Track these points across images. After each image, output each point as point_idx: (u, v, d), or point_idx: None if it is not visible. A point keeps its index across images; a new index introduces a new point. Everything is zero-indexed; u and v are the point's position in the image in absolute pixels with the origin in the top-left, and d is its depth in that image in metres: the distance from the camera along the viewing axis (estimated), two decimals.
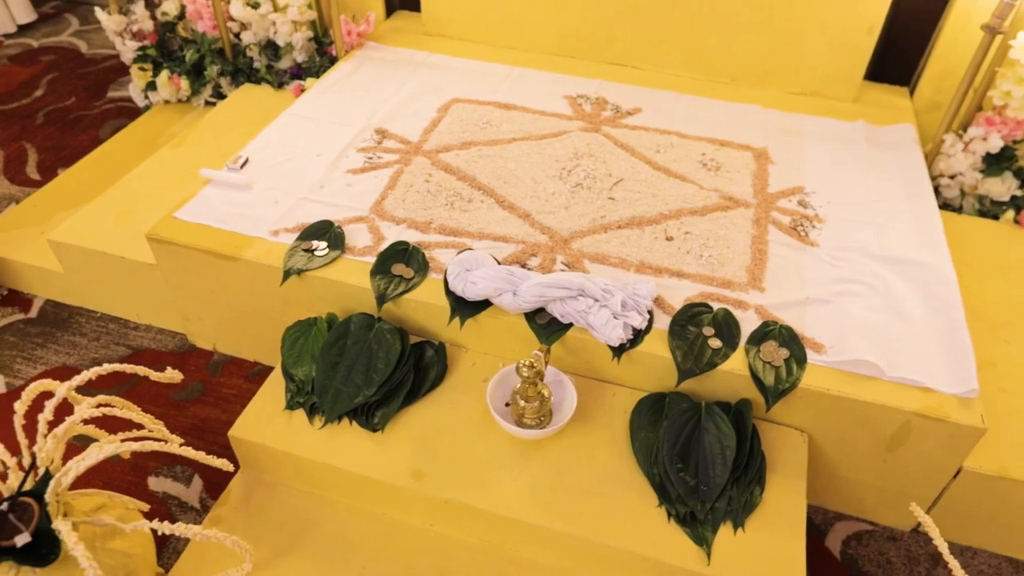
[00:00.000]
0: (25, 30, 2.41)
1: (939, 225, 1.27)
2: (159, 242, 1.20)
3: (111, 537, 0.86)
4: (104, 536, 0.86)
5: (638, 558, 0.91)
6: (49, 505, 0.78)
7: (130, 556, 0.87)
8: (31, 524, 0.77)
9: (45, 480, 0.80)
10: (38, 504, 0.78)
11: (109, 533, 0.86)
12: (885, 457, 1.03)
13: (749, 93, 1.63)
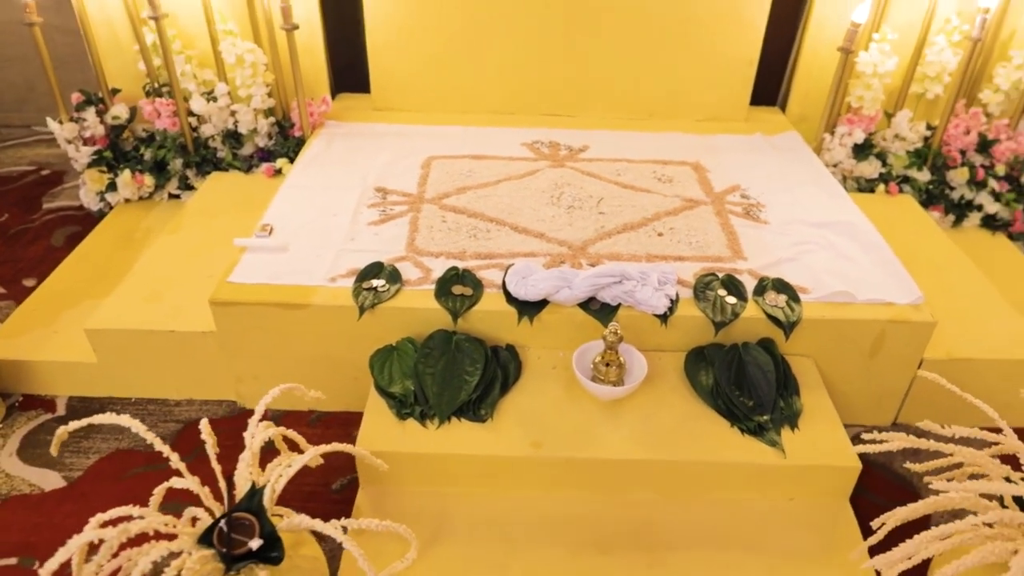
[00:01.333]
0: None
1: (846, 195, 1.64)
2: (223, 305, 1.29)
3: (300, 545, 0.94)
4: (294, 544, 0.93)
5: (733, 466, 1.12)
6: (269, 512, 0.86)
7: (318, 560, 0.95)
8: (254, 533, 0.85)
9: (251, 496, 0.88)
10: (255, 515, 0.86)
11: (299, 541, 0.94)
12: (868, 365, 1.33)
13: (664, 124, 1.98)
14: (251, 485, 0.88)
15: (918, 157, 1.90)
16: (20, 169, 2.27)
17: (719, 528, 1.11)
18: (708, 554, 1.07)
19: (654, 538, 1.09)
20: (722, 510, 1.13)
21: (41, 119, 2.21)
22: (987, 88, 1.91)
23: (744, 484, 1.14)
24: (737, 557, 1.07)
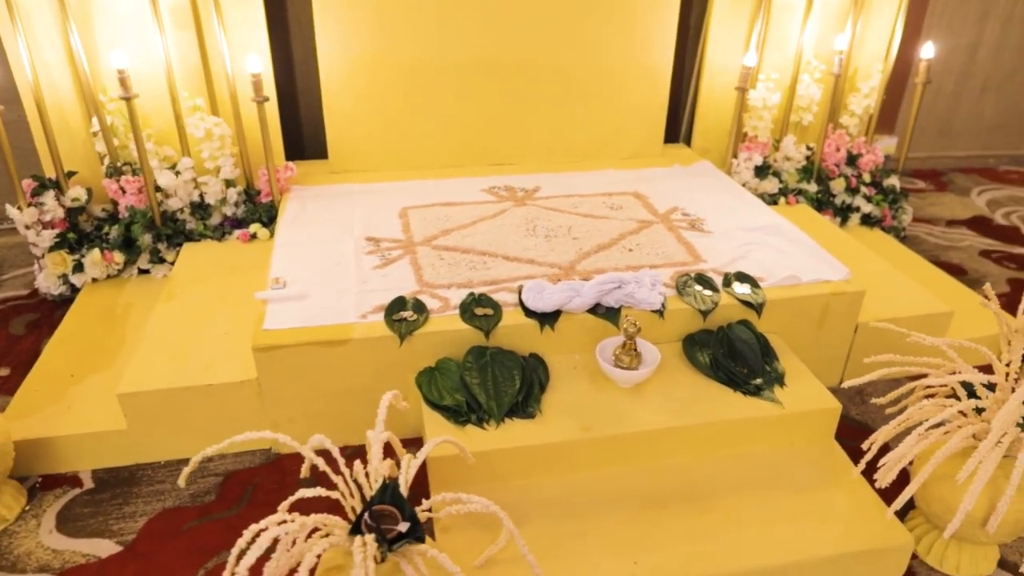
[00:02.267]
0: None
1: (764, 205, 1.97)
2: (266, 350, 1.36)
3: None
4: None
5: (744, 421, 1.33)
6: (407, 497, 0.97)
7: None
8: (395, 520, 0.95)
9: (383, 490, 0.98)
10: (395, 504, 0.96)
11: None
12: (818, 334, 1.61)
13: (596, 163, 2.26)
14: (383, 480, 0.98)
15: (805, 173, 2.29)
16: None
17: (743, 475, 1.31)
18: (742, 495, 1.27)
19: (696, 491, 1.28)
20: (742, 461, 1.34)
21: None
22: (845, 114, 2.35)
23: (754, 436, 1.36)
24: (763, 494, 1.27)
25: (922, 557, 1.25)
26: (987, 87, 2.98)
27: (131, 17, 1.85)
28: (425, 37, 2.04)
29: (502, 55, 2.10)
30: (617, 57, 2.17)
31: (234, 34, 1.90)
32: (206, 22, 1.89)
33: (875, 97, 2.31)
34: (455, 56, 2.07)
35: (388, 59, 2.04)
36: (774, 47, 2.24)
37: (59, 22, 1.81)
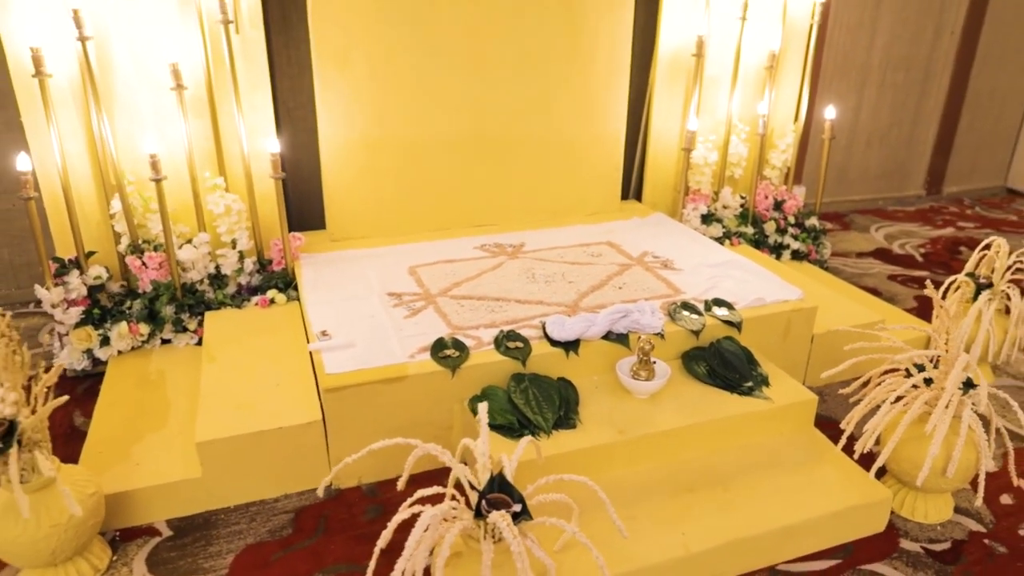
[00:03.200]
0: None
1: (719, 245, 2.32)
2: (335, 391, 1.53)
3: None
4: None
5: (744, 416, 1.61)
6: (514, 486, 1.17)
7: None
8: (509, 503, 1.15)
9: (491, 482, 1.18)
10: (503, 491, 1.16)
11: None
12: (783, 344, 1.93)
13: (567, 220, 2.56)
14: (490, 474, 1.18)
15: (742, 218, 2.67)
16: None
17: (749, 460, 1.58)
18: (751, 475, 1.53)
19: (714, 475, 1.53)
20: (745, 449, 1.61)
21: None
22: (768, 167, 2.77)
23: (752, 427, 1.63)
24: (768, 472, 1.54)
25: (897, 511, 1.54)
26: (871, 142, 3.53)
27: (151, 107, 2.02)
28: (414, 118, 2.30)
29: (482, 131, 2.39)
30: (578, 129, 2.51)
31: (246, 119, 2.10)
32: (221, 108, 2.08)
33: (791, 152, 2.75)
34: (441, 133, 2.35)
35: (382, 138, 2.29)
36: (707, 114, 2.64)
37: (83, 114, 1.97)
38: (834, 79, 3.26)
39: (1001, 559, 1.43)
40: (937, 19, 3.39)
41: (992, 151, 3.87)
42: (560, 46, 2.38)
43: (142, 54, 1.98)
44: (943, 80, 3.53)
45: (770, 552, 1.41)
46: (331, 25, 2.14)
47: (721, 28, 2.55)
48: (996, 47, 3.57)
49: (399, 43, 2.21)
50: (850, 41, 3.25)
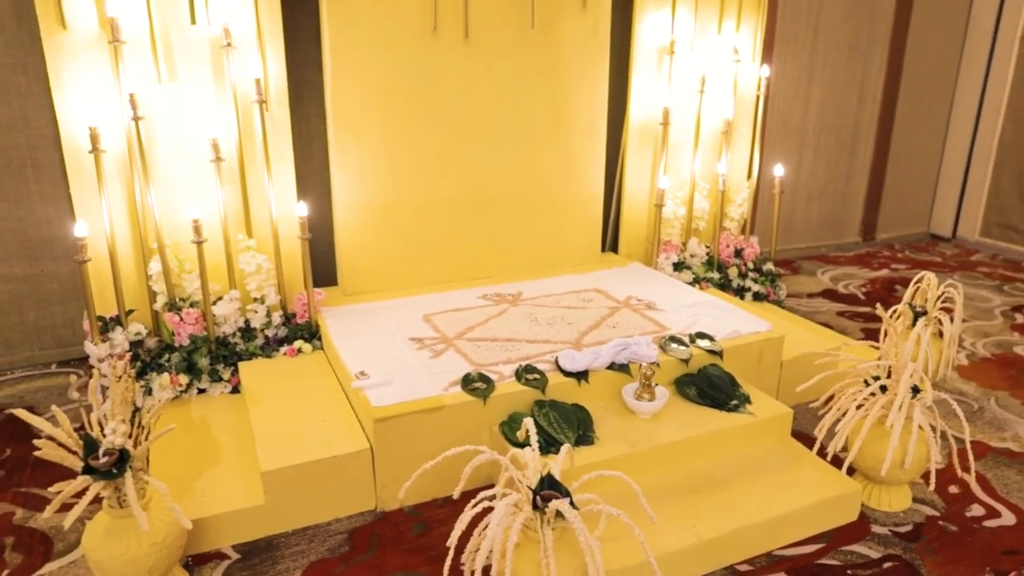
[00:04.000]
0: None
1: (692, 288, 2.63)
2: (383, 420, 1.74)
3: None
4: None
5: (733, 428, 1.88)
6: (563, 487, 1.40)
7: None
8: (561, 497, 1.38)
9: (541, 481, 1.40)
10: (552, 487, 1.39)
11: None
12: (757, 370, 2.23)
13: (555, 271, 2.84)
14: (539, 475, 1.41)
15: (709, 265, 3.01)
16: None
17: (741, 466, 1.84)
18: (744, 478, 1.79)
19: (715, 479, 1.78)
20: (738, 458, 1.87)
21: None
22: (727, 219, 3.13)
23: (740, 439, 1.90)
24: (757, 475, 1.80)
25: (866, 503, 1.82)
26: (811, 196, 3.96)
27: (187, 177, 2.24)
28: (420, 181, 2.58)
29: (480, 192, 2.68)
30: (563, 188, 2.83)
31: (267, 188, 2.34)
32: (250, 178, 2.31)
33: (747, 206, 3.12)
34: (444, 194, 2.63)
35: (392, 200, 2.55)
36: (673, 173, 3.00)
37: (126, 185, 2.18)
38: (777, 142, 3.69)
39: (953, 535, 1.72)
40: (860, 89, 3.89)
41: (915, 202, 4.36)
42: (546, 117, 2.71)
43: (181, 130, 2.21)
44: (869, 142, 4.02)
45: (766, 539, 1.66)
46: (347, 101, 2.41)
47: (682, 100, 2.94)
48: (911, 113, 4.09)
49: (406, 116, 2.50)
50: (789, 109, 3.70)
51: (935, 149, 4.29)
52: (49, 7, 2.00)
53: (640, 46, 2.85)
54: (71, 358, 2.65)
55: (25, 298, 2.54)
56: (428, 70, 2.48)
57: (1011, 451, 2.08)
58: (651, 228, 2.98)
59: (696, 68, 2.92)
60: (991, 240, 4.14)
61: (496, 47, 2.55)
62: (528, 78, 2.64)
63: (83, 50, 2.05)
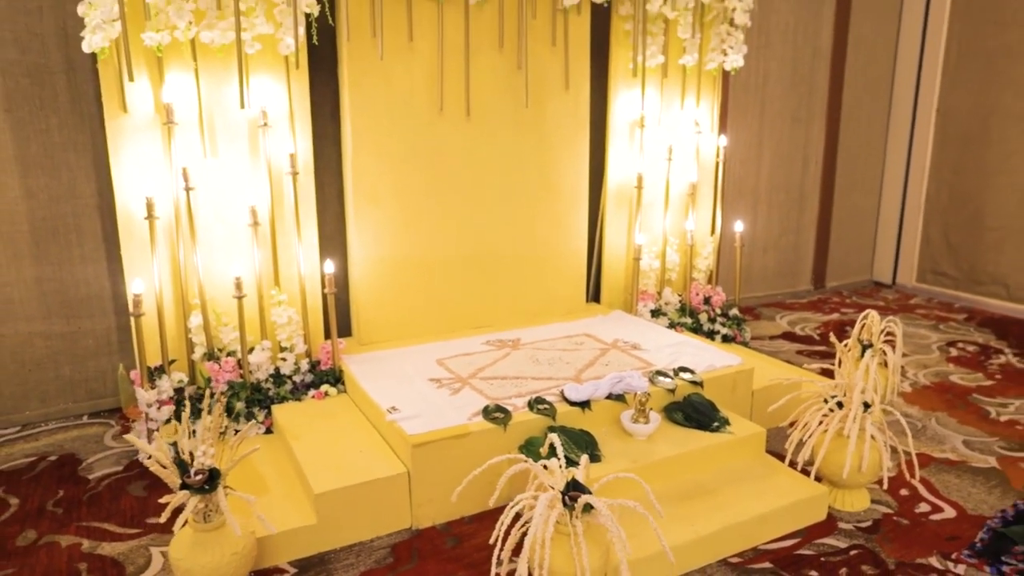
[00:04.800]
0: None
1: (670, 331, 2.97)
2: (420, 446, 2.00)
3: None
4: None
5: (718, 445, 2.19)
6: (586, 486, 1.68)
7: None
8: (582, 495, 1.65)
9: (567, 484, 1.68)
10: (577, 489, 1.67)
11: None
12: (732, 398, 2.55)
13: (547, 319, 3.16)
14: (564, 480, 1.68)
15: (682, 311, 3.36)
16: (23, 462, 2.46)
17: (726, 477, 2.14)
18: (730, 487, 2.09)
19: (705, 488, 2.08)
20: (722, 471, 2.17)
21: (1, 423, 2.59)
22: (695, 271, 3.51)
23: (723, 454, 2.21)
24: (740, 484, 2.10)
25: (832, 505, 2.13)
26: (766, 249, 4.39)
27: (224, 239, 2.52)
28: (427, 241, 2.89)
29: (479, 249, 3.00)
30: (551, 245, 3.17)
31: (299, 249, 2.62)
32: (280, 239, 2.59)
33: (712, 258, 3.51)
34: (449, 252, 2.94)
35: (403, 257, 2.86)
36: (647, 230, 3.38)
37: (170, 247, 2.43)
38: (735, 201, 4.13)
39: (905, 527, 2.04)
40: (803, 153, 4.39)
41: (858, 253, 4.84)
42: (536, 182, 3.08)
43: (221, 198, 2.49)
44: (814, 200, 4.50)
45: (751, 535, 1.96)
46: (366, 171, 2.73)
47: (653, 166, 3.34)
48: (849, 174, 4.60)
49: (416, 183, 2.83)
50: (744, 172, 4.15)
51: (872, 205, 4.81)
52: (113, 94, 2.29)
53: (615, 120, 3.26)
54: (101, 409, 2.83)
55: (62, 354, 2.74)
56: (435, 144, 2.83)
57: (950, 460, 2.43)
58: (629, 279, 3.34)
59: (663, 139, 3.34)
60: (926, 285, 4.62)
61: (493, 123, 2.92)
62: (520, 149, 3.01)
63: (140, 130, 2.34)
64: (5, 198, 2.55)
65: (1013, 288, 4.15)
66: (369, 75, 2.67)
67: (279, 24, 2.40)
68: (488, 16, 2.81)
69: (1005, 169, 4.15)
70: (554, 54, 2.99)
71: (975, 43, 4.23)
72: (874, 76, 4.58)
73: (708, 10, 3.24)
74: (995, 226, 4.21)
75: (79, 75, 2.58)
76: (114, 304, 2.78)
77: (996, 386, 3.09)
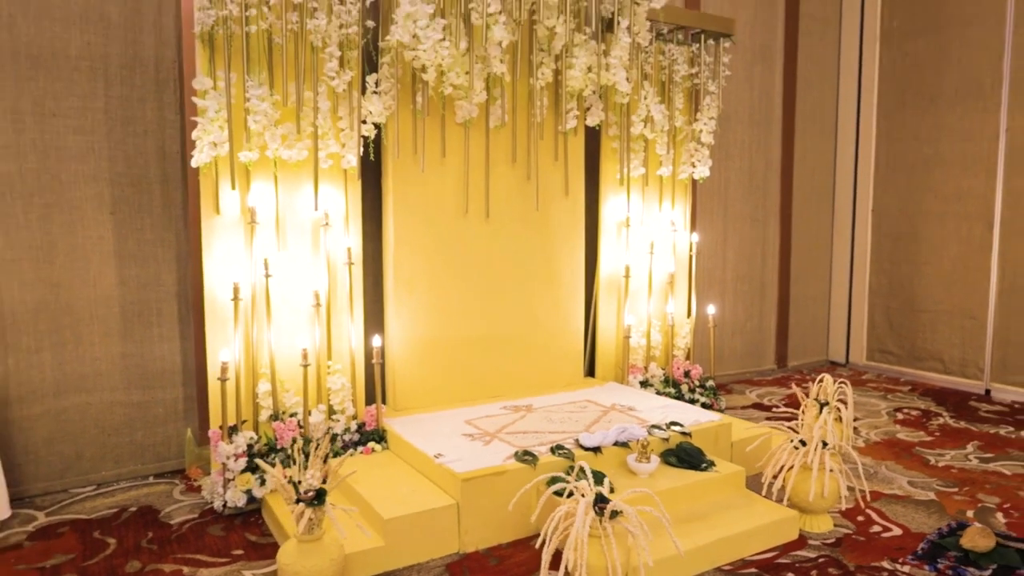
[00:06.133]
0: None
1: (658, 397, 3.48)
2: (468, 480, 2.45)
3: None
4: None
5: (707, 481, 2.67)
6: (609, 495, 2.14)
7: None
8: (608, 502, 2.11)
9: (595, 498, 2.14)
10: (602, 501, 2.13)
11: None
12: (715, 447, 3.04)
13: (552, 389, 3.65)
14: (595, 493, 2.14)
15: (666, 383, 3.89)
16: (108, 512, 2.81)
17: (715, 506, 2.60)
18: (720, 512, 2.55)
19: (699, 514, 2.53)
20: (711, 502, 2.64)
21: (80, 482, 2.95)
22: (676, 349, 4.06)
23: (711, 489, 2.68)
24: (729, 511, 2.57)
25: (802, 528, 2.60)
26: (733, 332, 4.99)
27: (289, 318, 3.00)
28: (453, 322, 3.41)
29: (494, 330, 3.53)
30: (553, 327, 3.71)
31: (351, 326, 3.11)
32: (334, 317, 3.09)
33: (689, 338, 4.07)
34: (470, 332, 3.46)
35: (433, 337, 3.36)
36: (633, 313, 3.95)
37: (245, 323, 2.91)
38: (706, 288, 4.75)
39: (862, 542, 2.51)
40: (762, 249, 5.08)
41: (814, 336, 5.47)
42: (541, 273, 3.65)
43: (287, 284, 3.00)
44: (773, 288, 5.15)
45: (739, 548, 2.41)
46: (404, 263, 3.28)
47: (637, 259, 3.95)
48: (802, 266, 5.29)
49: (445, 273, 3.38)
50: (712, 264, 4.80)
51: (823, 293, 5.48)
52: (210, 199, 2.83)
53: (605, 221, 3.89)
54: (165, 471, 3.20)
55: (136, 420, 3.13)
56: (461, 240, 3.41)
57: (897, 495, 2.93)
58: (620, 355, 3.87)
59: (646, 236, 3.97)
60: (875, 363, 5.23)
61: (507, 223, 3.52)
62: (529, 245, 3.60)
63: (228, 228, 2.87)
64: (103, 284, 3.03)
65: (947, 363, 4.78)
66: (409, 184, 3.27)
67: (343, 144, 3.00)
68: (504, 137, 3.47)
69: (931, 260, 4.87)
70: (556, 167, 3.64)
71: (899, 156, 5.05)
72: (818, 183, 5.36)
73: (679, 131, 3.96)
74: (927, 309, 4.89)
75: (170, 185, 3.13)
76: (183, 377, 3.21)
77: (935, 441, 3.64)
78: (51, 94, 2.89)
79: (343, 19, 2.89)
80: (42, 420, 2.96)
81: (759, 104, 4.94)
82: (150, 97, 3.07)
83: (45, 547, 2.52)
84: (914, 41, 4.91)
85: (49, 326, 2.94)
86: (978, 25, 4.55)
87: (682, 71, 3.90)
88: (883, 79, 5.12)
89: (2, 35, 2.78)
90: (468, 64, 3.06)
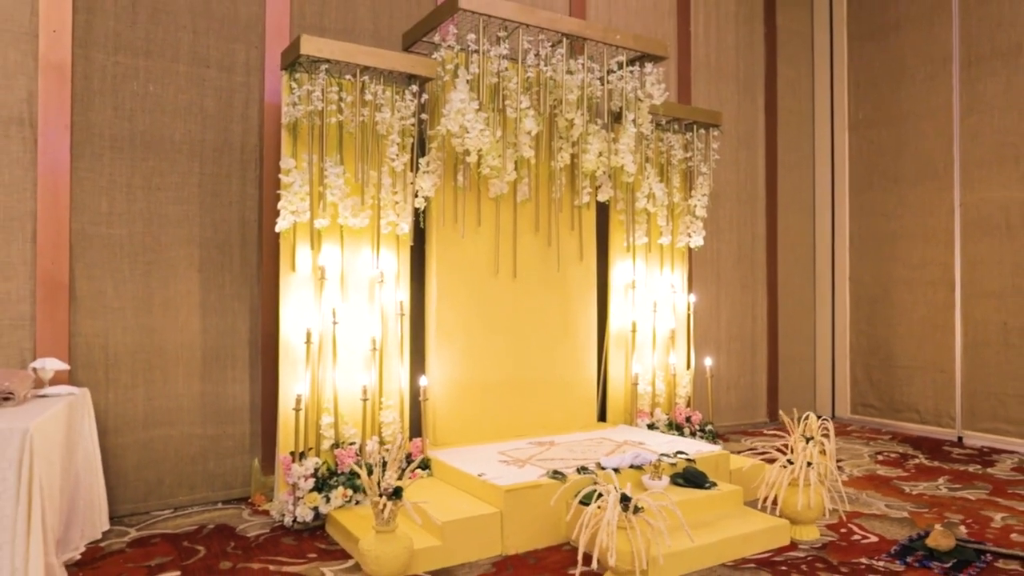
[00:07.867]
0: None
1: (664, 435, 3.95)
2: (511, 491, 2.90)
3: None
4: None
5: (711, 497, 3.12)
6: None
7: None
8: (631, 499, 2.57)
9: (623, 496, 2.60)
10: (625, 500, 2.58)
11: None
12: (716, 472, 3.50)
13: (570, 430, 4.11)
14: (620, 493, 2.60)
15: (669, 427, 4.36)
16: (190, 528, 3.22)
17: (718, 516, 3.05)
18: (723, 521, 3.00)
19: (704, 522, 2.98)
20: (714, 515, 3.08)
21: (160, 505, 3.37)
22: (677, 397, 4.55)
23: (714, 504, 3.13)
24: (729, 519, 3.01)
25: (793, 536, 3.04)
26: (728, 387, 5.49)
27: (348, 359, 3.50)
28: (485, 367, 3.91)
29: (520, 376, 4.02)
30: (571, 375, 4.21)
31: (400, 370, 3.61)
32: (386, 361, 3.59)
33: (689, 387, 4.57)
34: (499, 377, 3.95)
35: (468, 380, 3.85)
36: (639, 363, 4.45)
37: (311, 367, 3.41)
38: (703, 346, 5.28)
39: (845, 546, 2.96)
40: (752, 311, 5.64)
41: (802, 391, 5.96)
42: (559, 327, 4.18)
43: (348, 331, 3.51)
44: (763, 347, 5.68)
45: (739, 549, 2.85)
46: (445, 315, 3.81)
47: (642, 316, 4.49)
48: (788, 327, 5.84)
49: (479, 326, 3.90)
50: (707, 324, 5.35)
51: (809, 352, 6.01)
52: (287, 258, 3.38)
53: (614, 282, 4.45)
54: (231, 498, 3.62)
55: (209, 452, 3.57)
56: (492, 296, 3.95)
57: (875, 514, 3.38)
58: (628, 401, 4.36)
59: (649, 296, 4.53)
60: (858, 416, 5.71)
61: (531, 283, 4.08)
62: (549, 302, 4.14)
63: (301, 284, 3.41)
64: (189, 331, 3.53)
65: (923, 413, 5.27)
66: (450, 248, 3.83)
67: (398, 214, 3.58)
68: (529, 210, 4.07)
69: (903, 321, 5.44)
70: (572, 235, 4.23)
71: (870, 230, 5.69)
72: (800, 254, 5.98)
73: (677, 206, 4.59)
74: (903, 364, 5.42)
75: (248, 247, 3.69)
76: (250, 414, 3.67)
77: (910, 476, 4.10)
78: (158, 172, 3.47)
79: (402, 112, 3.52)
80: (132, 448, 3.40)
81: (745, 184, 5.61)
82: (235, 174, 3.66)
83: (145, 552, 2.92)
84: (878, 130, 5.64)
85: (143, 366, 3.43)
86: (930, 117, 5.29)
87: (678, 155, 4.56)
88: (852, 163, 5.82)
89: (124, 125, 3.39)
90: (502, 149, 3.69)
